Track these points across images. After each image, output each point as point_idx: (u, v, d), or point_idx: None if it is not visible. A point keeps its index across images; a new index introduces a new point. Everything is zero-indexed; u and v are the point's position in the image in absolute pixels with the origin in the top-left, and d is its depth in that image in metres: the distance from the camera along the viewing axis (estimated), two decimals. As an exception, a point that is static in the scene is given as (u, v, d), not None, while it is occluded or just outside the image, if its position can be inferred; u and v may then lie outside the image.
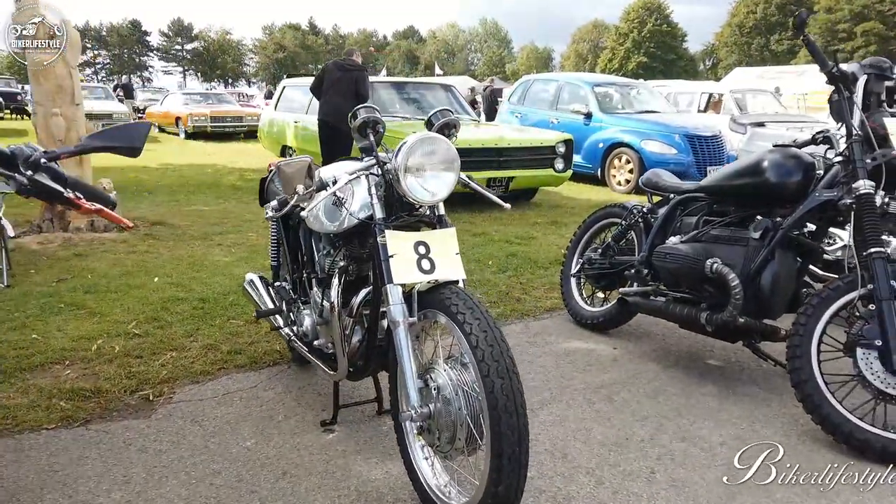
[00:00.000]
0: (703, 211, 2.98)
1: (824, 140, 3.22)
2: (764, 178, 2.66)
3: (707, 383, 2.82)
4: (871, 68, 4.97)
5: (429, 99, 8.54)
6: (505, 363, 1.59)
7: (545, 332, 3.46)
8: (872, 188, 2.38)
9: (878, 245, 2.31)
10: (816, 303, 2.38)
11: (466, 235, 5.68)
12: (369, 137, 1.95)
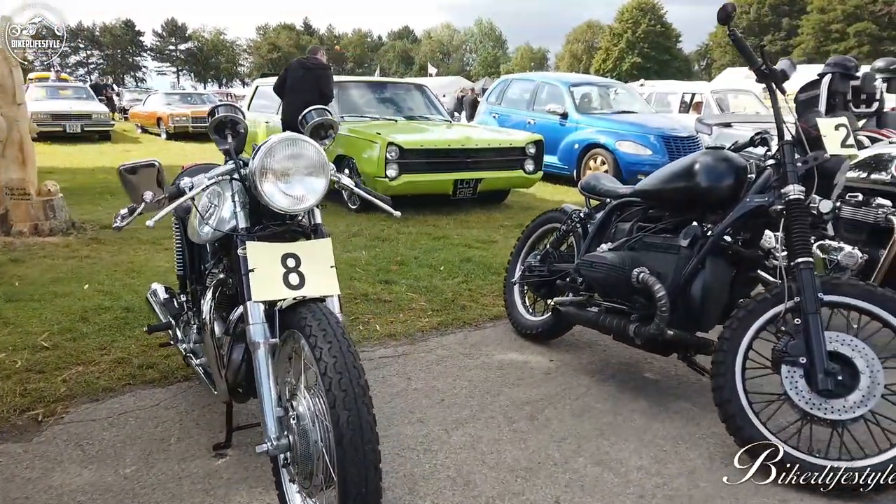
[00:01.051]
0: (638, 216, 2.83)
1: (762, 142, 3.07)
2: (695, 182, 2.51)
3: (639, 398, 2.67)
4: (835, 67, 4.87)
5: (401, 98, 8.38)
6: (354, 393, 1.43)
7: (484, 342, 3.31)
8: (802, 193, 2.23)
9: (805, 254, 2.15)
10: (742, 316, 2.23)
11: (426, 239, 5.53)
12: (227, 139, 1.79)
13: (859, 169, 3.20)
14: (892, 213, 3.06)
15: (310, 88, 6.61)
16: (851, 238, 3.20)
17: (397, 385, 2.77)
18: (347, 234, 5.67)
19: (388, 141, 6.31)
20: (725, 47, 53.79)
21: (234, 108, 1.81)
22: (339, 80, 8.28)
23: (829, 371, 2.01)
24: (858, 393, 2.01)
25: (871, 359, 2.02)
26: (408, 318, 3.63)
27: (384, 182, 6.35)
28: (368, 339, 3.31)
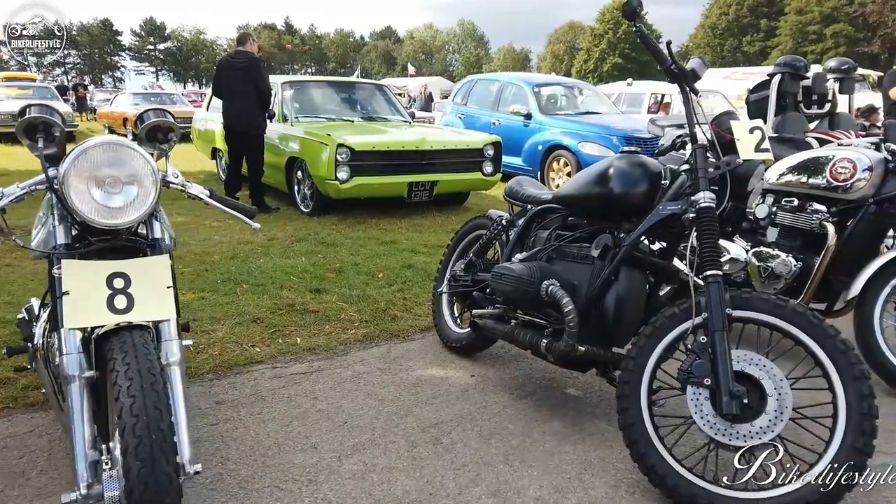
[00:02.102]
0: (557, 224, 2.68)
1: (682, 145, 2.93)
2: (608, 188, 2.36)
3: (554, 418, 2.52)
4: (785, 67, 4.75)
5: (360, 99, 8.20)
6: (150, 440, 1.25)
7: (407, 356, 3.14)
8: (713, 201, 2.08)
9: (714, 266, 2.01)
10: (649, 333, 2.08)
11: (373, 244, 5.35)
12: (38, 143, 1.60)
13: (797, 173, 3.07)
14: (827, 220, 2.93)
15: (243, 88, 6.40)
16: (787, 245, 3.08)
17: (301, 406, 2.59)
18: (292, 239, 5.48)
19: (339, 142, 6.11)
20: (704, 48, 54.13)
21: (49, 109, 1.63)
22: (295, 80, 8.10)
23: (735, 394, 1.86)
24: (765, 417, 1.86)
25: (780, 380, 1.88)
26: (333, 329, 3.45)
27: (335, 185, 6.15)
28: (285, 353, 3.13)
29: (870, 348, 2.72)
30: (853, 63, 4.93)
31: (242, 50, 6.65)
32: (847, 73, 4.84)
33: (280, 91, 7.48)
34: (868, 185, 2.83)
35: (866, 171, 2.82)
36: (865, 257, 2.84)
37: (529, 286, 2.33)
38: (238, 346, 3.17)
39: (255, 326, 3.43)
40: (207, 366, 2.94)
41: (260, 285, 4.09)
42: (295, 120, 7.24)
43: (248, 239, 5.44)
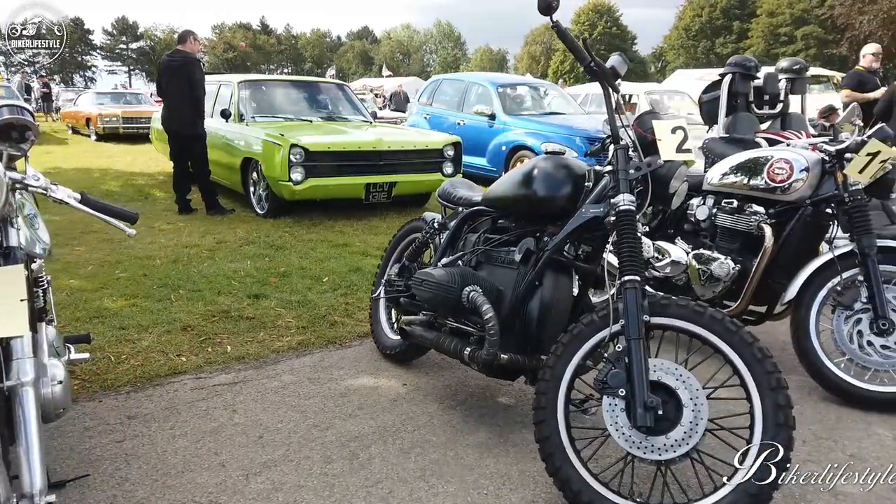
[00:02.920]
0: (487, 227, 2.59)
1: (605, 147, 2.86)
2: (532, 190, 2.27)
3: (481, 429, 2.42)
4: (735, 67, 4.71)
5: (320, 98, 8.05)
6: None
7: (340, 364, 3.03)
8: (633, 203, 2.01)
9: (633, 272, 1.93)
10: (567, 341, 1.99)
11: (324, 246, 5.22)
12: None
13: (737, 174, 3.01)
14: (765, 221, 2.88)
15: (179, 88, 6.29)
16: (726, 247, 3.02)
17: (217, 419, 2.47)
18: (242, 242, 5.33)
19: (292, 142, 5.98)
20: (679, 50, 54.70)
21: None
22: (252, 79, 7.94)
23: (649, 405, 1.78)
24: (681, 429, 1.78)
25: (696, 390, 1.80)
26: (268, 337, 3.32)
27: (289, 186, 6.02)
28: (212, 363, 3.00)
29: (805, 352, 2.67)
30: (804, 63, 4.91)
31: (181, 49, 6.51)
32: (799, 73, 4.81)
33: (236, 90, 7.33)
34: (805, 186, 2.78)
35: (803, 171, 2.77)
36: (803, 259, 2.79)
37: (449, 293, 2.23)
38: (163, 356, 3.03)
39: (185, 334, 3.29)
40: (126, 377, 2.80)
41: (197, 291, 3.95)
42: (251, 120, 7.09)
43: (195, 242, 5.28)
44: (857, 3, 28.31)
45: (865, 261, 2.58)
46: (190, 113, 6.38)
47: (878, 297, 2.54)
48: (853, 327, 2.63)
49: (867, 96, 6.97)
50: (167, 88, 6.42)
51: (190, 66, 6.33)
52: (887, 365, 2.57)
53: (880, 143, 2.52)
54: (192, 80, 6.28)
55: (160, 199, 7.51)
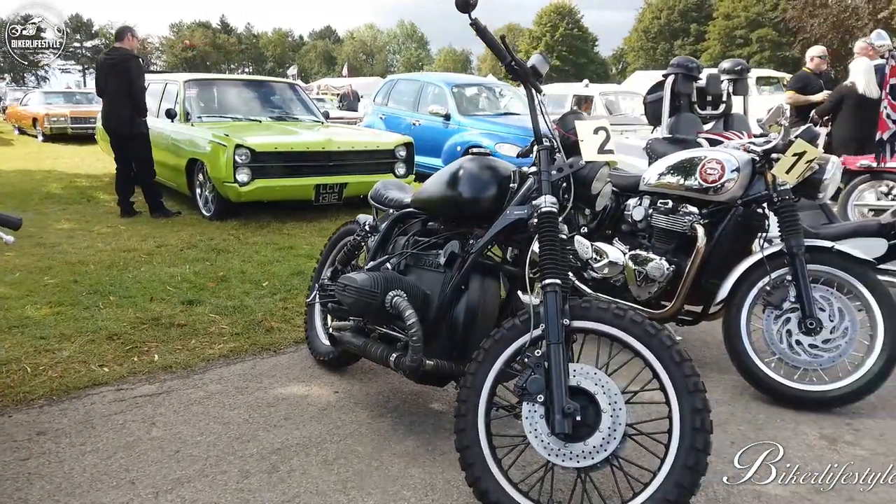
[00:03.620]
0: (417, 229, 2.52)
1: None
2: (457, 191, 2.22)
3: (410, 437, 2.36)
4: (678, 68, 4.75)
5: (270, 98, 7.89)
6: None
7: (272, 372, 2.93)
8: (555, 205, 1.97)
9: (554, 275, 1.88)
10: (489, 347, 1.94)
11: (269, 249, 5.10)
12: None
13: (671, 174, 3.01)
14: (698, 221, 2.88)
15: (116, 86, 6.12)
16: (661, 248, 3.02)
17: (133, 434, 2.35)
18: (184, 245, 5.17)
19: (237, 143, 5.83)
20: (638, 51, 55.60)
21: None
22: (199, 77, 7.75)
23: (567, 411, 1.74)
24: (599, 435, 1.75)
25: (615, 395, 1.77)
26: (199, 344, 3.21)
27: (234, 188, 5.86)
28: (136, 373, 2.87)
29: (737, 352, 2.68)
30: (746, 64, 4.98)
31: (118, 46, 6.34)
32: (740, 73, 4.87)
33: (182, 89, 7.13)
34: (736, 186, 2.78)
35: (734, 172, 2.78)
36: (736, 259, 2.80)
37: (372, 298, 2.16)
38: (84, 367, 2.89)
39: (110, 344, 3.15)
40: (41, 390, 2.66)
41: (129, 297, 3.80)
42: (197, 119, 6.91)
43: (134, 246, 5.10)
44: (809, 7, 29.07)
45: (794, 260, 2.59)
46: (129, 111, 6.20)
47: (805, 296, 2.55)
48: (782, 327, 2.64)
49: (809, 98, 7.13)
50: (106, 87, 6.23)
51: (128, 64, 6.15)
52: (815, 364, 2.59)
53: (806, 144, 2.54)
54: (130, 78, 6.10)
55: (103, 202, 7.27)
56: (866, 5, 26.92)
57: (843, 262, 2.59)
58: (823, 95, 6.98)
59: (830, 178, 2.66)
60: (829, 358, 2.56)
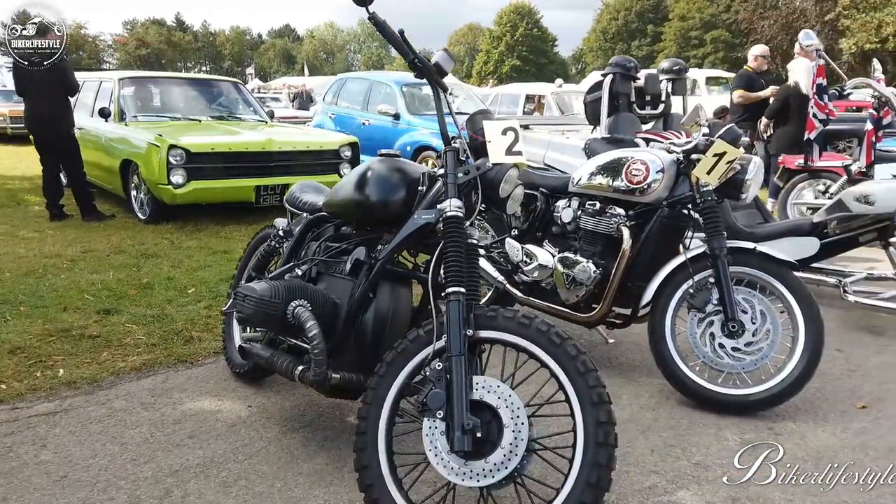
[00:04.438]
0: (329, 234, 2.41)
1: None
2: (364, 194, 2.12)
3: (321, 454, 2.24)
4: (616, 67, 4.72)
5: (212, 97, 7.65)
6: None
7: (183, 386, 2.77)
8: (460, 209, 1.87)
9: (457, 283, 1.79)
10: (391, 359, 1.84)
11: (203, 254, 4.90)
12: None
13: (599, 175, 2.95)
14: (624, 223, 2.83)
15: (49, 84, 5.82)
16: (589, 250, 2.96)
17: (20, 458, 2.18)
18: (112, 251, 4.95)
19: (171, 143, 5.61)
20: (597, 51, 56.23)
21: None
22: (136, 76, 7.49)
23: (467, 428, 1.64)
24: (500, 452, 1.66)
25: (517, 408, 1.68)
26: (111, 357, 3.03)
27: (168, 190, 5.65)
28: (36, 390, 2.69)
29: (661, 355, 2.63)
30: (685, 64, 4.99)
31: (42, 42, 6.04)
32: (679, 73, 4.87)
33: (117, 87, 6.86)
34: (661, 187, 2.74)
35: (659, 173, 2.73)
36: (663, 261, 2.75)
37: (272, 308, 2.04)
38: (-22, 385, 2.69)
39: (12, 358, 2.95)
40: (-75, 412, 2.46)
41: (41, 307, 3.58)
42: (133, 119, 6.65)
43: (58, 252, 4.85)
44: (759, 9, 29.79)
45: (716, 262, 2.55)
46: (57, 111, 5.92)
47: (727, 299, 2.52)
48: (706, 330, 2.60)
49: (759, 95, 7.23)
50: (34, 85, 5.91)
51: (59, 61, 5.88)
52: (738, 367, 2.56)
53: (726, 144, 2.50)
54: (61, 77, 5.82)
55: (33, 205, 6.95)
56: (814, 7, 27.70)
57: (764, 263, 2.57)
58: (771, 90, 7.08)
59: (752, 178, 2.62)
60: (752, 361, 2.53)
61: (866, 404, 2.61)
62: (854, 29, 25.14)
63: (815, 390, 2.74)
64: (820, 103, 4.57)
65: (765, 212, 4.49)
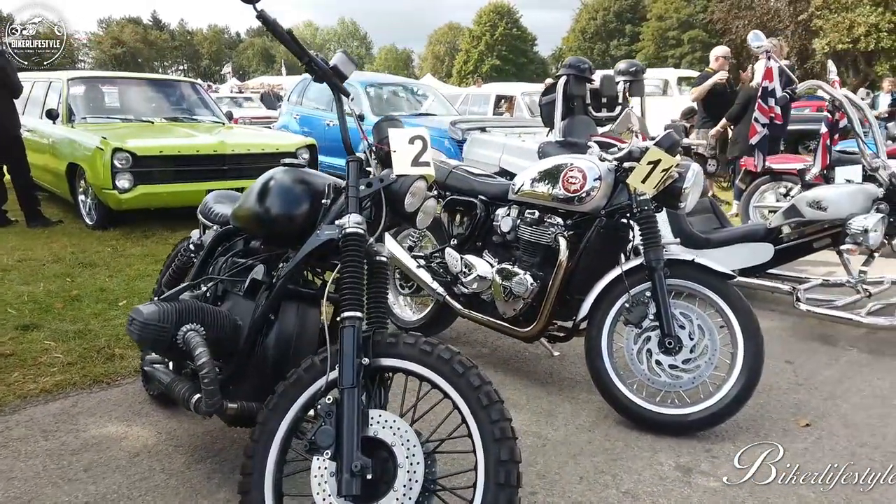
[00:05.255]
0: (239, 248, 2.24)
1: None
2: (265, 207, 1.96)
3: (224, 488, 2.07)
4: (569, 69, 4.59)
5: (167, 98, 7.42)
6: None
7: (93, 410, 2.59)
8: (360, 225, 1.72)
9: (354, 307, 1.64)
10: (282, 391, 1.68)
11: (145, 262, 4.71)
12: None
13: (538, 182, 2.81)
14: (562, 234, 2.69)
15: None
16: (528, 261, 2.82)
17: None
18: (50, 259, 4.73)
19: (115, 146, 5.40)
20: (576, 51, 56.31)
21: None
22: (86, 76, 7.27)
23: (356, 469, 1.49)
24: (393, 495, 1.51)
25: (413, 446, 1.54)
26: (21, 378, 2.83)
27: (114, 195, 5.44)
28: (-70, 417, 2.49)
29: (597, 372, 2.50)
30: (641, 65, 4.88)
31: None
32: (636, 75, 4.76)
33: (65, 88, 6.61)
34: (599, 195, 2.61)
35: (597, 180, 2.60)
36: (602, 274, 2.62)
37: (160, 333, 1.86)
38: None
39: (-89, 381, 2.75)
40: None
41: (-45, 323, 3.37)
42: (81, 120, 6.40)
43: (-10, 262, 4.62)
44: (734, 9, 30.00)
45: (652, 275, 2.43)
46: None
47: (664, 313, 2.39)
48: (643, 346, 2.48)
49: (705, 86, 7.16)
50: None
51: None
52: (676, 385, 2.43)
53: (661, 152, 2.37)
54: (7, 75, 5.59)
55: (-23, 211, 6.66)
56: (787, 7, 27.95)
57: (703, 275, 2.44)
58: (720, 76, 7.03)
59: (691, 185, 2.50)
60: (689, 379, 2.41)
61: (810, 422, 2.50)
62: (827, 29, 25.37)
63: (760, 406, 2.63)
64: (763, 107, 4.47)
65: (721, 217, 4.40)
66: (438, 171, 3.31)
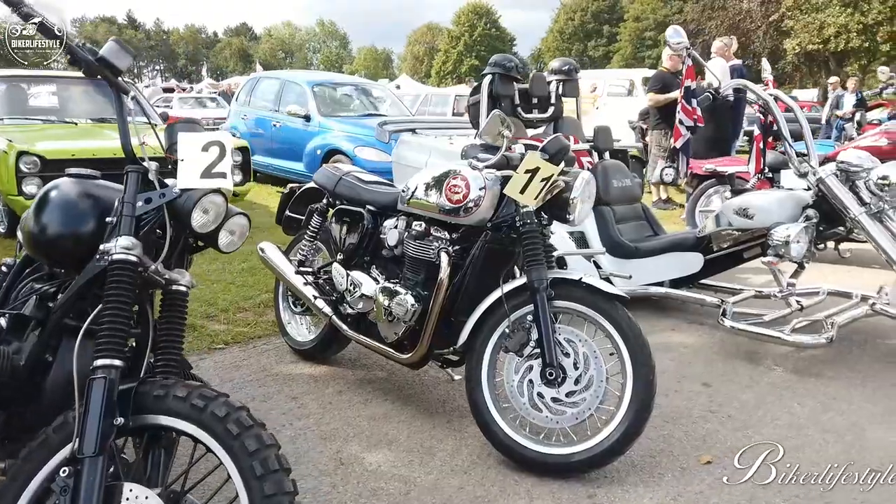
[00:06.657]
0: (42, 273, 1.93)
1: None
2: (40, 226, 1.65)
3: None
4: (495, 67, 4.31)
5: (97, 97, 7.03)
6: None
7: None
8: (129, 251, 1.43)
9: (111, 353, 1.34)
10: (25, 456, 1.38)
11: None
12: None
13: (426, 191, 2.52)
14: (445, 249, 2.41)
15: None
16: (412, 279, 2.53)
17: None
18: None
19: (21, 150, 5.03)
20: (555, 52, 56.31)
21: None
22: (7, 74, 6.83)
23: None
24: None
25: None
26: None
27: (20, 201, 5.06)
28: None
29: (476, 405, 2.23)
30: (575, 64, 4.62)
31: None
32: (569, 74, 4.50)
33: (-20, 87, 6.22)
34: (485, 207, 2.32)
35: (481, 190, 2.32)
36: (488, 293, 2.34)
37: None
38: None
39: None
40: None
41: None
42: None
43: None
44: (707, 10, 30.06)
45: (534, 297, 2.15)
46: None
47: (545, 340, 2.11)
48: (525, 375, 2.20)
49: (668, 97, 6.96)
50: None
51: None
52: (559, 421, 2.15)
53: (539, 159, 2.10)
54: None
55: None
56: (759, 8, 28.02)
57: (590, 297, 2.16)
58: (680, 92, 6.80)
59: (580, 195, 2.23)
60: (573, 414, 2.13)
61: (711, 458, 2.24)
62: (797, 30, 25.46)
63: (663, 439, 2.37)
64: (687, 108, 4.23)
65: (654, 224, 4.15)
66: (328, 179, 3.02)
